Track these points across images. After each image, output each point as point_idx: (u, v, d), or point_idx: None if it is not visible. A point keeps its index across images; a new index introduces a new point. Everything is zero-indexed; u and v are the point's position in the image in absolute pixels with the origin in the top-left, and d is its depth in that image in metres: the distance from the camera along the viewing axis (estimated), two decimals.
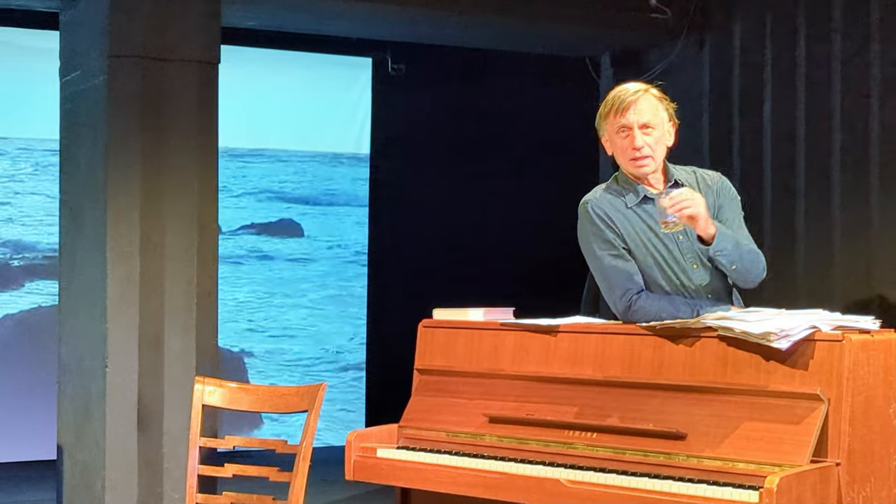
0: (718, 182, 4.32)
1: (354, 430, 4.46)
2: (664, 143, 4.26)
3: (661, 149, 4.25)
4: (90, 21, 6.39)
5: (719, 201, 4.28)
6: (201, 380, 4.61)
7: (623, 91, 4.26)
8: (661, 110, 4.24)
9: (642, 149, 4.21)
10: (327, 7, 7.15)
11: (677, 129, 4.31)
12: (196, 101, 6.38)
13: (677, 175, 4.29)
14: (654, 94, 4.26)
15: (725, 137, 7.54)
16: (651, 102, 4.23)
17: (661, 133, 4.23)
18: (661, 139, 4.24)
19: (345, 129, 9.81)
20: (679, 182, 4.26)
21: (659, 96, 4.26)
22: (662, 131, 4.24)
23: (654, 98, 4.25)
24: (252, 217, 9.57)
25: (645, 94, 4.23)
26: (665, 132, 4.25)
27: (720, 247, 4.11)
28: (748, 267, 4.18)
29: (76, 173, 6.56)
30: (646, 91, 4.25)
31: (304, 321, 9.64)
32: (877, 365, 3.74)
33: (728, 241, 4.13)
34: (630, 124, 4.21)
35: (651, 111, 4.22)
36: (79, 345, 6.46)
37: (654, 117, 4.21)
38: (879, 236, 6.60)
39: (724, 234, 4.13)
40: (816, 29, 6.98)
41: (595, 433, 3.99)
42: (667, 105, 4.27)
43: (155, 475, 6.23)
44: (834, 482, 3.60)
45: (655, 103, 4.24)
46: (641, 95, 4.22)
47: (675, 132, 4.30)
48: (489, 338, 4.38)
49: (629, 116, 4.21)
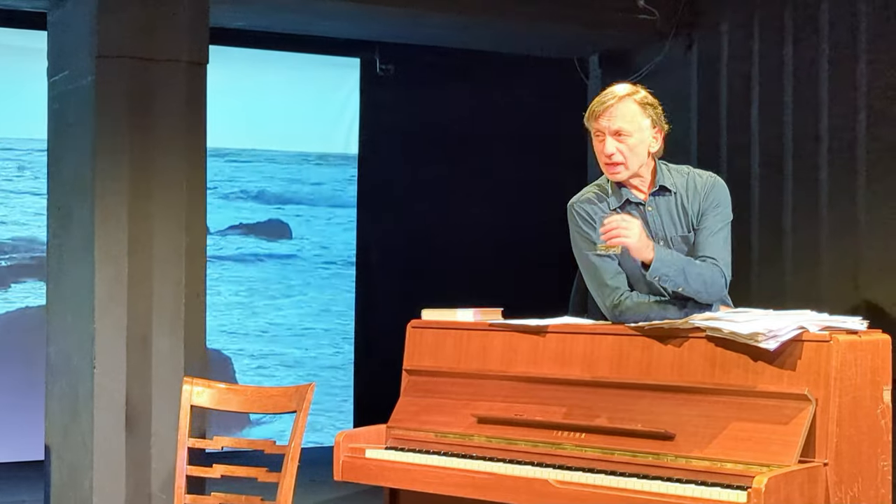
0: (708, 186, 4.26)
1: (343, 430, 4.46)
2: (642, 150, 4.20)
3: (638, 155, 4.19)
4: (78, 21, 6.37)
5: (704, 206, 4.24)
6: (189, 380, 4.61)
7: (604, 95, 4.24)
8: (642, 116, 4.19)
9: (613, 156, 4.19)
10: (316, 7, 7.15)
11: (665, 134, 4.27)
12: (184, 101, 6.37)
13: (664, 180, 4.26)
14: (636, 99, 4.20)
15: (713, 137, 7.56)
16: (630, 108, 4.18)
17: (639, 140, 4.18)
18: (638, 146, 4.18)
19: (333, 129, 9.81)
20: (665, 187, 4.25)
21: (642, 102, 4.20)
22: (641, 138, 4.19)
23: (635, 104, 4.19)
24: (240, 217, 9.56)
25: (624, 99, 4.18)
26: (645, 139, 4.20)
27: (658, 273, 4.08)
28: (697, 289, 4.12)
29: (64, 174, 6.55)
30: (627, 96, 4.19)
31: (292, 321, 9.64)
32: (864, 365, 3.75)
33: (669, 267, 4.08)
34: (603, 129, 4.20)
35: (628, 117, 4.17)
36: (67, 345, 6.45)
37: (629, 124, 4.17)
38: (867, 236, 6.62)
39: (664, 260, 4.08)
40: (804, 29, 6.99)
41: (583, 433, 3.99)
42: (651, 112, 4.21)
43: (143, 476, 6.22)
44: (822, 482, 3.61)
45: (635, 109, 4.19)
46: (620, 101, 4.18)
47: (663, 137, 4.26)
48: (478, 338, 4.38)
49: (602, 122, 4.20)
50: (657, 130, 4.23)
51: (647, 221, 4.25)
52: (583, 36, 7.96)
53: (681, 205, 4.25)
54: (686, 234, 4.25)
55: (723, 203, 4.26)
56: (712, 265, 4.17)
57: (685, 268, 4.11)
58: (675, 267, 4.10)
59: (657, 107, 4.25)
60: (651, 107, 4.22)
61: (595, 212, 4.30)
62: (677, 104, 7.40)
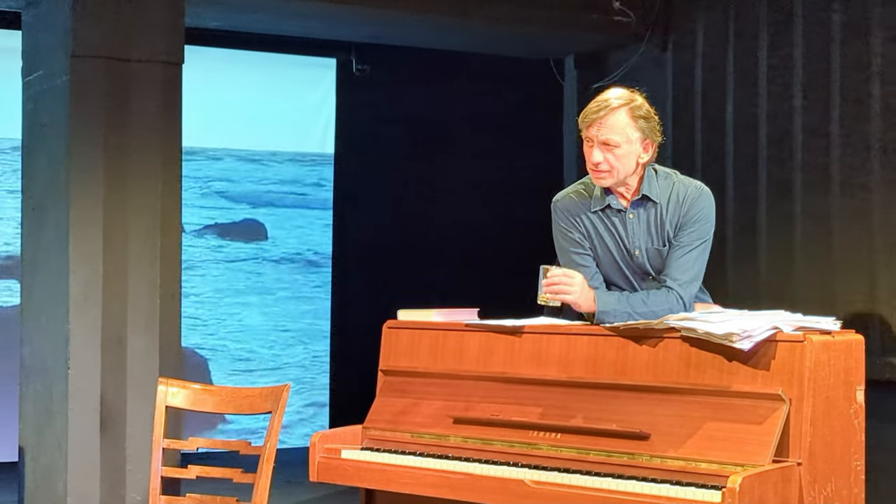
0: (690, 199, 4.24)
1: (318, 431, 4.46)
2: (630, 161, 4.19)
3: (625, 166, 4.19)
4: (53, 21, 6.35)
5: (683, 220, 4.23)
6: (165, 381, 4.60)
7: (598, 103, 4.21)
8: (632, 129, 4.17)
9: (599, 164, 4.19)
10: (292, 7, 7.14)
11: (657, 145, 4.24)
12: (160, 101, 6.35)
13: (649, 190, 4.25)
14: (629, 110, 4.18)
15: (688, 138, 7.58)
16: (620, 120, 4.17)
17: (627, 152, 4.18)
18: (627, 157, 4.18)
19: (309, 129, 9.79)
20: (648, 197, 4.25)
21: (634, 115, 4.18)
22: (629, 150, 4.18)
23: (627, 116, 4.17)
24: (215, 217, 9.54)
25: (616, 111, 4.17)
26: (634, 150, 4.19)
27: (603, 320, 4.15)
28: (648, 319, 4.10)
29: (38, 173, 6.52)
30: (620, 107, 4.17)
31: (267, 322, 9.62)
32: (838, 365, 3.77)
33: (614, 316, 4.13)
34: (593, 138, 4.21)
35: (618, 129, 4.16)
36: (41, 346, 6.42)
37: (618, 135, 4.16)
38: (840, 236, 6.65)
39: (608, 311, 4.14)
40: (778, 30, 7.02)
41: (559, 434, 4.00)
42: (643, 124, 4.18)
43: (117, 477, 6.20)
44: (795, 482, 3.62)
45: (625, 122, 4.17)
46: (611, 113, 4.16)
47: (655, 147, 4.23)
48: (454, 339, 4.39)
49: (592, 131, 4.20)
50: (648, 143, 4.22)
51: (627, 229, 4.27)
52: (558, 37, 7.97)
53: (660, 217, 4.25)
54: (660, 248, 4.26)
55: (703, 218, 4.24)
56: (666, 294, 4.17)
57: (631, 312, 4.14)
58: (621, 312, 4.15)
59: (650, 119, 4.22)
60: (644, 119, 4.20)
61: (577, 212, 4.33)
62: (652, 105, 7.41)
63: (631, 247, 4.27)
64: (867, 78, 6.54)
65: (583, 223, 4.33)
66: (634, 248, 4.27)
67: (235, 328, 9.50)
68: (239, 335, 9.50)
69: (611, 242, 4.31)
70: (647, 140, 4.21)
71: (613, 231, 4.30)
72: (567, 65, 8.52)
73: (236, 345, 9.48)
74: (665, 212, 4.25)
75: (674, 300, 4.16)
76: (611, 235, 4.31)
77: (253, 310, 9.57)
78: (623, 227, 4.27)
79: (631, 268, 4.31)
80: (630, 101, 4.20)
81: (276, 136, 9.65)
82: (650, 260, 4.27)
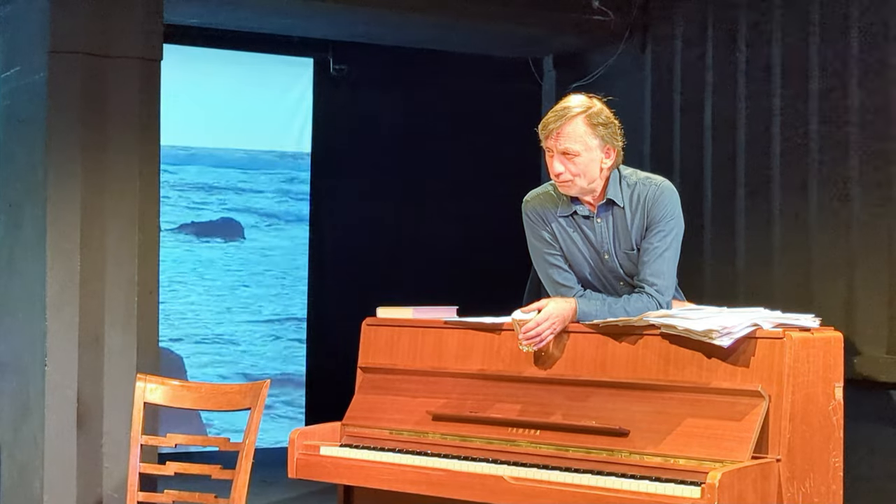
0: (652, 199, 4.21)
1: (297, 428, 4.45)
2: (592, 168, 4.17)
3: (588, 173, 4.16)
4: (30, 17, 6.33)
5: (649, 221, 4.20)
6: (143, 377, 4.59)
7: (556, 112, 4.19)
8: (591, 137, 4.14)
9: (561, 175, 4.18)
10: (270, 5, 7.13)
11: (619, 150, 4.20)
12: (138, 98, 6.33)
13: (614, 194, 4.22)
14: (587, 117, 4.15)
15: (667, 138, 7.60)
16: (578, 129, 4.14)
17: (588, 159, 4.15)
18: (588, 165, 4.15)
19: (286, 128, 9.78)
20: (612, 201, 4.23)
21: (592, 122, 4.14)
22: (590, 157, 4.15)
23: (584, 124, 4.14)
24: (192, 216, 9.51)
25: (574, 119, 4.14)
26: (594, 158, 4.16)
27: (583, 320, 4.15)
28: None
29: (15, 170, 6.50)
30: (577, 115, 4.14)
31: (245, 319, 9.60)
32: (816, 362, 3.79)
33: (594, 319, 4.13)
34: (552, 148, 4.19)
35: (576, 137, 4.14)
36: (17, 343, 6.40)
37: (577, 144, 4.14)
38: (818, 235, 6.67)
39: (588, 313, 4.13)
40: (757, 31, 7.04)
41: (538, 430, 4.01)
42: (602, 131, 4.15)
43: (94, 474, 6.18)
44: (774, 478, 3.64)
45: (583, 130, 4.14)
46: (569, 122, 4.14)
47: (617, 152, 4.20)
48: (433, 336, 4.39)
49: (550, 142, 4.18)
50: (609, 148, 4.19)
51: (596, 233, 4.27)
52: (537, 37, 7.97)
53: (626, 220, 4.25)
54: (629, 252, 4.26)
55: (667, 216, 4.21)
56: (647, 300, 4.15)
57: (608, 314, 4.14)
58: (600, 314, 4.14)
59: (609, 125, 4.18)
60: (602, 126, 4.16)
61: (546, 214, 4.34)
62: (631, 106, 7.44)
63: (601, 250, 4.28)
64: (846, 78, 6.56)
65: (552, 226, 4.33)
66: (604, 251, 4.28)
67: (212, 325, 9.47)
68: (215, 332, 9.48)
69: (582, 245, 4.31)
70: (607, 146, 4.18)
71: (582, 235, 4.30)
72: (546, 65, 8.53)
73: (213, 343, 9.45)
74: (630, 214, 4.24)
75: (654, 306, 4.14)
76: (581, 239, 4.31)
77: (230, 308, 9.55)
78: (592, 231, 4.27)
79: (602, 271, 4.31)
80: (587, 109, 4.17)
81: (254, 135, 9.63)
82: (621, 264, 4.27)
